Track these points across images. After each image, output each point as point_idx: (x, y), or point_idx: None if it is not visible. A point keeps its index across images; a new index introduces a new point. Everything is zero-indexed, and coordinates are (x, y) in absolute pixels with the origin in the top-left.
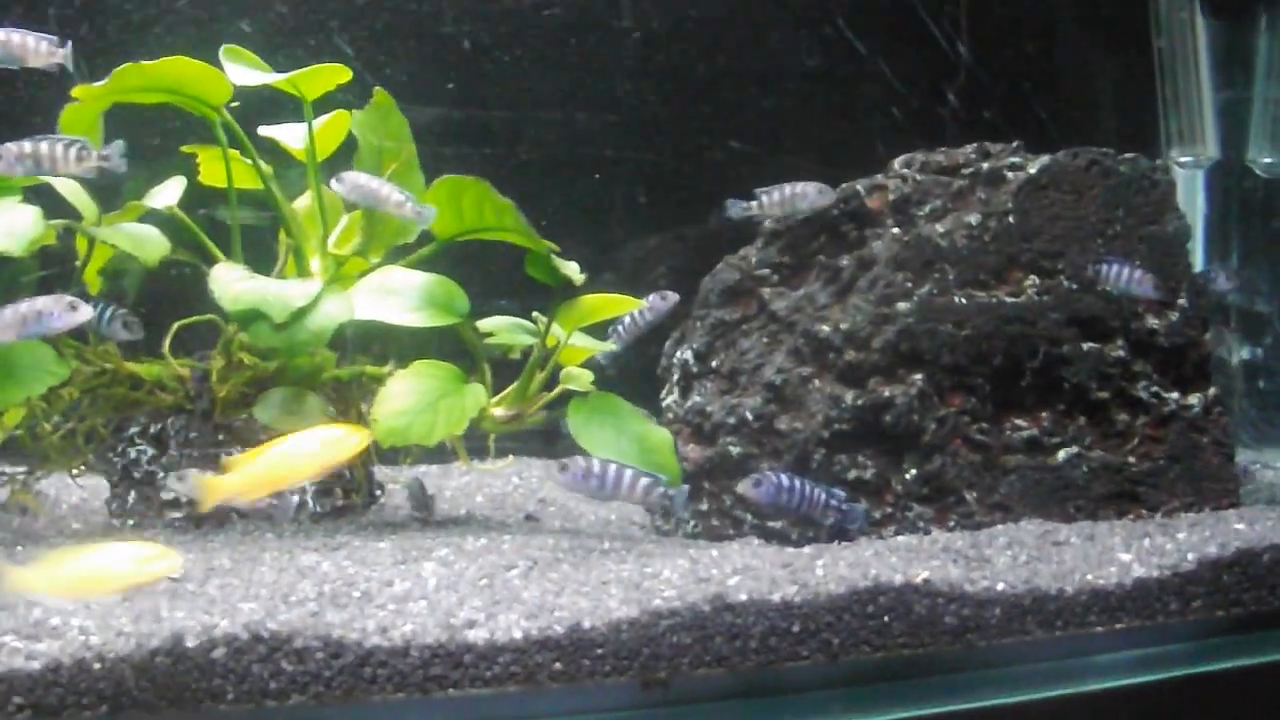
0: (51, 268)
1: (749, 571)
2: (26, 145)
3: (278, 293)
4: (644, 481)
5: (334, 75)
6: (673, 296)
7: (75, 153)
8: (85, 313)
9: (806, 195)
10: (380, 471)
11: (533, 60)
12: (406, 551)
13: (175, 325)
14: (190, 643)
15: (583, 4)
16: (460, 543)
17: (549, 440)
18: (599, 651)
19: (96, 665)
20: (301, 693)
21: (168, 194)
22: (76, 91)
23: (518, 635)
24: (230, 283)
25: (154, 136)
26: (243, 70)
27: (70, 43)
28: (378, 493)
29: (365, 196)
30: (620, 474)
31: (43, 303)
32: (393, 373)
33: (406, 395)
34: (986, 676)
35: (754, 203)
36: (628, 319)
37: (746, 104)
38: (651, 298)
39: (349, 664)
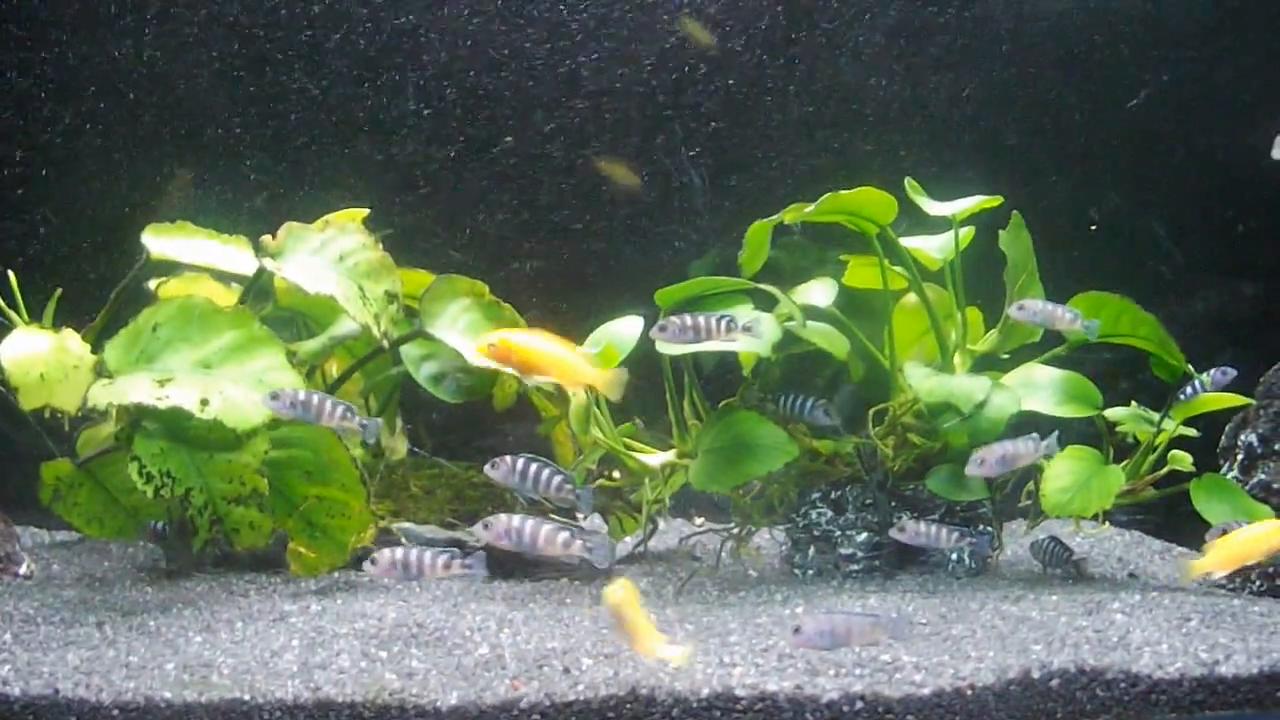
0: None
1: None
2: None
3: (961, 388)
4: None
5: (984, 204)
6: (1230, 372)
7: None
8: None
9: None
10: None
11: None
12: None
13: (871, 410)
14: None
15: None
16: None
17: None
18: None
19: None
20: None
21: (820, 294)
22: (787, 212)
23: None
24: (923, 378)
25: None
26: (922, 200)
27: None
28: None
29: (1041, 318)
30: None
31: None
32: None
33: (1067, 475)
34: None
35: None
36: (1189, 390)
37: None
38: (1213, 373)
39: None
